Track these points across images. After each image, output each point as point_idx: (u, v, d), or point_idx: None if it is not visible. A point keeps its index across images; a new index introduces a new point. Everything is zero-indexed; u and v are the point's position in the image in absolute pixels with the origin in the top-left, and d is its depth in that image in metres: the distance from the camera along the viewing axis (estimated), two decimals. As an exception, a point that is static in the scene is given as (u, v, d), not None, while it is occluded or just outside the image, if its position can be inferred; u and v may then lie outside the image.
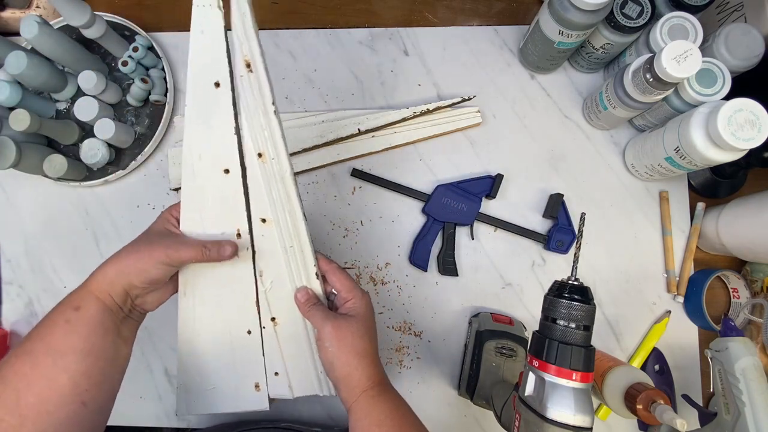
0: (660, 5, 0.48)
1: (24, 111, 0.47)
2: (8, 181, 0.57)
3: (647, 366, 0.52)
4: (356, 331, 0.37)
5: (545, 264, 0.55)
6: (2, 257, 0.56)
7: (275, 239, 0.39)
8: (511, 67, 0.58)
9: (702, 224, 0.54)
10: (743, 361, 0.41)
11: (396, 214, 0.55)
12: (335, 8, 0.60)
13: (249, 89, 0.37)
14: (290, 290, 0.40)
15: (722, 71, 0.45)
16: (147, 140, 0.55)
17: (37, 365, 0.30)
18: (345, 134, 0.54)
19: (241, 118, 0.37)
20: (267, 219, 0.39)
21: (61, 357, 0.31)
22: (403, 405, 0.37)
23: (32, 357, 0.31)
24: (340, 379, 0.36)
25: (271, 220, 0.39)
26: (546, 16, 0.47)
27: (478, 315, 0.52)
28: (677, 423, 0.34)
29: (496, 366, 0.46)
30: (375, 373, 0.37)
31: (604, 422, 0.52)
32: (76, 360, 0.31)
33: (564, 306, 0.31)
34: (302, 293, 0.39)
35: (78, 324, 0.32)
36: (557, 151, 0.56)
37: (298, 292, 0.40)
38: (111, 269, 0.33)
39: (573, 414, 0.29)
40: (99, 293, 0.33)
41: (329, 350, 0.36)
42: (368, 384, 0.36)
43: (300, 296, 0.39)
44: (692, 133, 0.43)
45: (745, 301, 0.52)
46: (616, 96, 0.48)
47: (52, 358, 0.31)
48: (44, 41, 0.49)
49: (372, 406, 0.35)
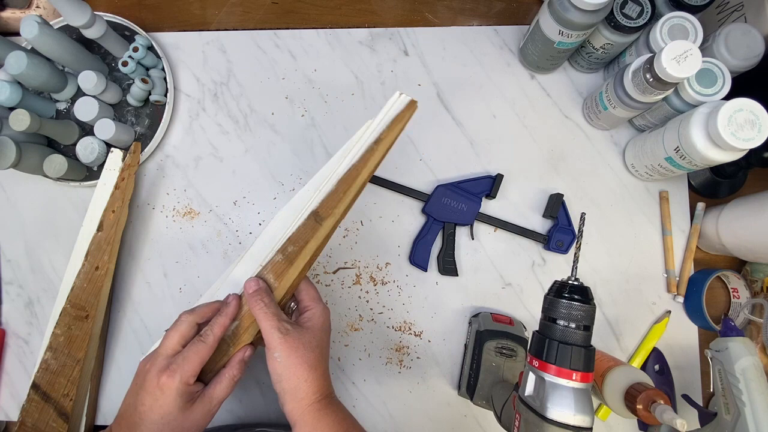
0: (660, 5, 0.48)
1: (24, 111, 0.47)
2: (8, 181, 0.57)
3: (647, 366, 0.52)
4: (308, 342, 0.36)
5: (545, 264, 0.55)
6: (2, 257, 0.56)
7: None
8: (511, 67, 0.58)
9: (702, 224, 0.54)
10: (743, 361, 0.41)
11: (396, 214, 0.55)
12: (335, 8, 0.60)
13: None
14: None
15: (722, 71, 0.45)
16: (147, 140, 0.55)
17: None
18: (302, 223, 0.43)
19: None
20: None
21: None
22: (349, 417, 0.37)
23: None
24: (287, 390, 0.35)
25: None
26: (546, 16, 0.47)
27: (478, 315, 0.52)
28: (677, 423, 0.34)
29: (496, 366, 0.46)
30: (323, 386, 0.36)
31: (604, 422, 0.52)
32: None
33: (564, 306, 0.31)
34: (253, 282, 0.37)
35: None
36: (557, 151, 0.56)
37: (249, 281, 0.37)
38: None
39: (573, 414, 0.29)
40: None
41: (278, 361, 0.35)
42: (315, 397, 0.35)
43: (249, 285, 0.37)
44: (692, 133, 0.43)
45: (745, 301, 0.52)
46: (616, 96, 0.48)
47: None
48: (44, 41, 0.49)
49: (319, 419, 0.35)
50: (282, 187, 0.56)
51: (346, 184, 0.39)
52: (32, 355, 0.54)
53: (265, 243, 0.40)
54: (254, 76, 0.58)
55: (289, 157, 0.57)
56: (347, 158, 0.40)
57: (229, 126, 0.57)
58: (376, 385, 0.53)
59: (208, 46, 0.59)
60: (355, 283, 0.54)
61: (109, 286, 0.50)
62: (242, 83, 0.58)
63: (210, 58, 0.59)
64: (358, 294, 0.54)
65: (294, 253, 0.38)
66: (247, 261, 0.40)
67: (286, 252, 0.38)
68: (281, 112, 0.58)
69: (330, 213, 0.39)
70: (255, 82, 0.58)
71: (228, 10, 0.61)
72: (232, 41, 0.59)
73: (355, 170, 0.39)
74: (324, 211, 0.39)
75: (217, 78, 0.58)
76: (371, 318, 0.54)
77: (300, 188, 0.40)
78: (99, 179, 0.53)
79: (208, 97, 0.58)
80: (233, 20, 0.60)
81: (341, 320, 0.54)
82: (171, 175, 0.57)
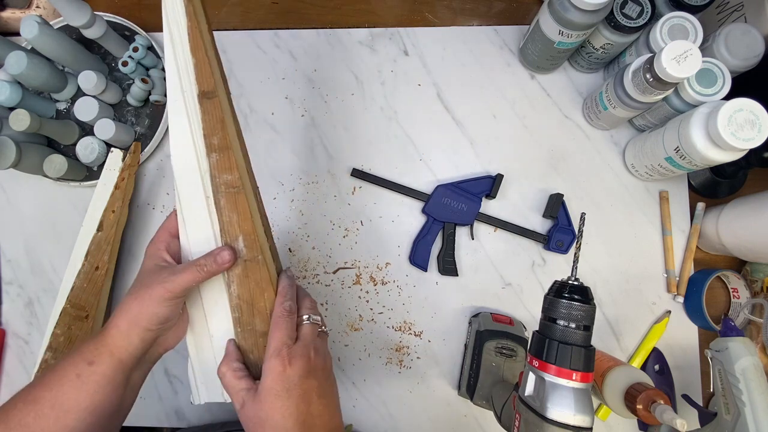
0: (660, 5, 0.48)
1: (24, 111, 0.47)
2: (8, 181, 0.57)
3: (647, 366, 0.52)
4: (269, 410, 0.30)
5: (545, 264, 0.55)
6: (2, 257, 0.56)
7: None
8: (511, 67, 0.58)
9: (702, 224, 0.54)
10: (743, 361, 0.41)
11: (396, 214, 0.55)
12: (335, 8, 0.60)
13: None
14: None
15: (722, 71, 0.45)
16: (147, 140, 0.55)
17: (41, 417, 0.31)
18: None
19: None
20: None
21: (65, 413, 0.31)
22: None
23: (37, 407, 0.31)
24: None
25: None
26: (546, 16, 0.47)
27: (478, 315, 0.52)
28: (677, 423, 0.34)
29: (496, 366, 0.46)
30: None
31: (604, 422, 0.52)
32: (80, 418, 0.31)
33: (564, 306, 0.31)
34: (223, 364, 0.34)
35: (88, 380, 0.32)
36: (557, 151, 0.56)
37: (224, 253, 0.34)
38: (122, 322, 0.33)
39: (573, 414, 0.29)
40: (114, 348, 0.32)
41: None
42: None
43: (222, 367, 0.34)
44: (692, 133, 0.43)
45: (745, 301, 0.52)
46: (616, 96, 0.48)
47: (57, 413, 0.31)
48: (44, 41, 0.49)
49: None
50: (282, 187, 0.56)
51: (200, 50, 0.36)
52: (32, 355, 0.54)
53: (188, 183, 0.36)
54: (254, 76, 0.58)
55: (289, 157, 0.57)
56: (178, 33, 0.36)
57: (229, 126, 0.57)
58: (376, 385, 0.53)
59: (208, 46, 0.59)
60: (355, 283, 0.54)
61: (109, 286, 0.50)
62: (242, 83, 0.58)
63: (210, 58, 0.59)
64: (358, 294, 0.54)
65: (222, 139, 0.36)
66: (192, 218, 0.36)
67: (214, 145, 0.35)
68: (281, 112, 0.58)
69: (212, 83, 0.36)
70: (255, 82, 0.58)
71: (228, 10, 0.61)
72: (232, 41, 0.59)
73: (193, 32, 0.36)
74: (206, 85, 0.36)
75: (217, 78, 0.58)
76: (371, 318, 0.54)
77: (298, 186, 0.40)
78: (99, 179, 0.53)
79: (208, 97, 0.58)
80: (233, 20, 0.60)
81: (341, 320, 0.54)
82: (171, 175, 0.56)
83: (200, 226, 0.36)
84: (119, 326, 0.32)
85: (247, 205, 0.35)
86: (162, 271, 0.34)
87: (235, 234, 0.35)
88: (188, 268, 0.33)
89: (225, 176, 0.35)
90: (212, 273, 0.34)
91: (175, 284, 0.33)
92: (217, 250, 0.35)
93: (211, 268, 0.34)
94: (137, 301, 0.33)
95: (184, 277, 0.33)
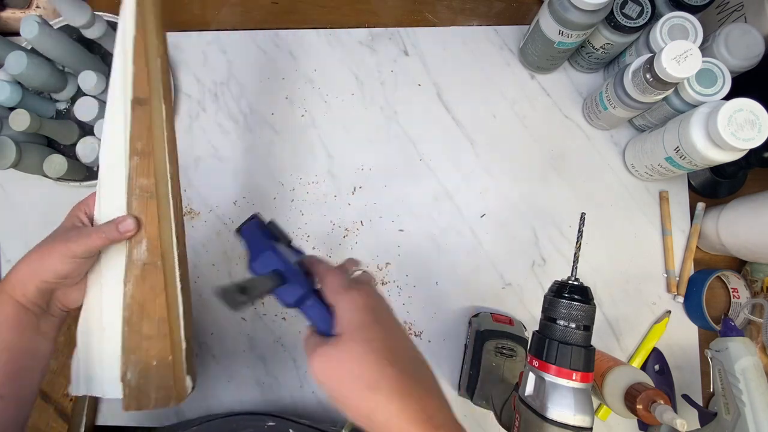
0: (660, 5, 0.48)
1: (24, 111, 0.47)
2: (8, 181, 0.57)
3: (647, 366, 0.52)
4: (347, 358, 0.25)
5: (545, 264, 0.55)
6: (2, 257, 0.56)
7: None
8: (511, 67, 0.58)
9: (702, 224, 0.54)
10: (743, 361, 0.41)
11: (396, 214, 0.55)
12: (335, 8, 0.60)
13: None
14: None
15: (722, 71, 0.45)
16: (147, 140, 0.55)
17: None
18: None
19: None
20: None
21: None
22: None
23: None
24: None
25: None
26: (546, 16, 0.47)
27: (478, 315, 0.52)
28: (677, 423, 0.34)
29: (496, 366, 0.46)
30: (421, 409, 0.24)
31: (604, 422, 0.52)
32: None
33: (564, 306, 0.31)
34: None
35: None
36: (557, 151, 0.56)
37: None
38: (23, 268, 0.34)
39: (573, 414, 0.29)
40: (13, 293, 0.34)
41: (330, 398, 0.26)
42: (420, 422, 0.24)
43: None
44: (692, 133, 0.43)
45: (745, 301, 0.52)
46: (616, 96, 0.48)
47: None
48: (44, 41, 0.49)
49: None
50: (282, 187, 0.56)
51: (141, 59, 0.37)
52: (32, 355, 0.54)
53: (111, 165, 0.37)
54: (254, 76, 0.58)
55: (289, 157, 0.57)
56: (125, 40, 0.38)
57: (229, 126, 0.57)
58: (376, 385, 0.53)
59: (208, 46, 0.59)
60: (355, 283, 0.54)
61: (108, 286, 0.50)
62: (242, 83, 0.58)
63: (210, 58, 0.59)
64: (358, 294, 0.54)
65: (146, 145, 0.37)
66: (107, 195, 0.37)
67: (138, 150, 0.37)
68: (281, 112, 0.58)
69: (148, 91, 0.37)
70: (255, 82, 0.58)
71: (228, 10, 0.61)
72: (232, 41, 0.59)
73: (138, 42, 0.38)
74: (140, 92, 0.37)
75: (217, 78, 0.58)
76: (371, 318, 0.54)
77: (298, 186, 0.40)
78: None
79: (209, 98, 0.58)
80: (233, 20, 0.60)
81: (341, 320, 0.54)
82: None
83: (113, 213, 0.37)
84: (18, 272, 0.34)
85: (156, 212, 0.36)
86: (73, 230, 0.36)
87: (140, 236, 0.37)
88: (93, 232, 0.35)
89: (142, 180, 0.37)
90: (114, 240, 0.35)
91: (77, 244, 0.34)
92: (120, 218, 0.36)
93: (112, 235, 0.35)
94: (41, 252, 0.35)
95: (86, 240, 0.34)
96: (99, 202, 0.37)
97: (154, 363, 0.36)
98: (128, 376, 0.36)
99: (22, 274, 0.34)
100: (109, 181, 0.37)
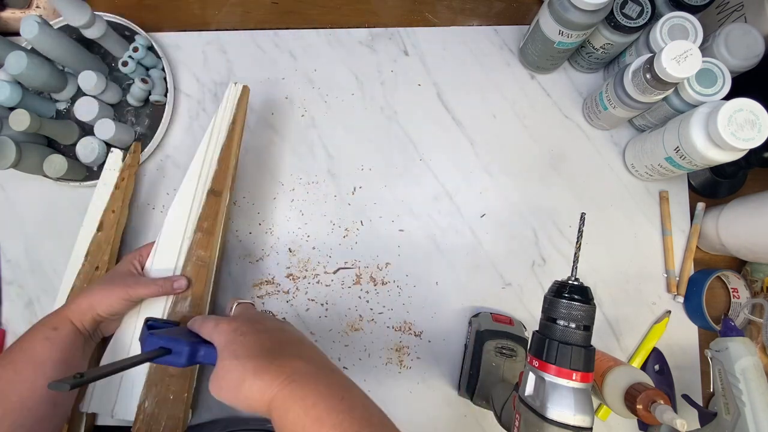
0: (660, 5, 0.48)
1: (24, 111, 0.47)
2: (8, 181, 0.57)
3: (647, 366, 0.52)
4: (222, 370, 0.31)
5: (545, 264, 0.55)
6: (2, 257, 0.56)
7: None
8: (511, 67, 0.58)
9: (702, 224, 0.54)
10: (743, 361, 0.41)
11: (396, 214, 0.55)
12: (335, 8, 0.60)
13: None
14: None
15: (722, 71, 0.45)
16: (147, 140, 0.55)
17: (20, 372, 0.37)
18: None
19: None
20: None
21: (41, 365, 0.38)
22: (343, 378, 0.32)
23: (15, 365, 0.37)
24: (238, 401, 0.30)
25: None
26: (546, 16, 0.47)
27: (478, 315, 0.52)
28: (677, 423, 0.34)
29: (496, 366, 0.46)
30: (280, 374, 0.30)
31: (604, 422, 0.52)
32: (53, 368, 0.38)
33: (564, 306, 0.31)
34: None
35: (55, 341, 0.39)
36: (557, 151, 0.56)
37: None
38: (84, 302, 0.41)
39: (573, 414, 0.29)
40: (73, 319, 0.40)
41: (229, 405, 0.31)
42: (280, 380, 0.29)
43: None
44: (692, 133, 0.43)
45: (745, 301, 0.52)
46: (616, 96, 0.48)
47: (33, 366, 0.37)
48: (44, 41, 0.49)
49: (292, 393, 0.29)
50: (282, 187, 0.56)
51: (225, 161, 0.47)
52: (32, 355, 0.54)
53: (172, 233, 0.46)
54: (254, 76, 0.58)
55: (289, 157, 0.57)
56: (215, 142, 0.48)
57: (229, 126, 0.57)
58: (376, 385, 0.53)
59: (208, 46, 0.59)
60: (355, 283, 0.54)
61: (108, 287, 0.50)
62: (242, 83, 0.58)
63: (210, 58, 0.59)
64: (358, 294, 0.54)
65: (210, 226, 0.46)
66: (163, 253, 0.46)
67: (203, 228, 0.46)
68: (281, 112, 0.58)
69: (223, 186, 0.47)
70: (255, 82, 0.58)
71: (228, 10, 0.61)
72: (232, 41, 0.59)
73: (226, 148, 0.47)
74: (217, 186, 0.47)
75: (217, 78, 0.58)
76: (371, 318, 0.54)
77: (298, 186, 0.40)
78: (99, 179, 0.53)
79: (208, 97, 0.58)
80: (233, 20, 0.60)
81: (341, 320, 0.54)
82: (171, 175, 0.57)
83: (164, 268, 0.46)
84: (80, 304, 0.41)
85: (204, 278, 0.45)
86: (130, 276, 0.44)
87: (187, 294, 0.45)
88: (151, 283, 0.42)
89: (200, 251, 0.46)
90: (166, 293, 0.43)
91: (135, 291, 0.41)
92: (176, 277, 0.44)
93: (167, 289, 0.43)
94: (102, 292, 0.41)
95: (143, 289, 0.42)
96: (154, 257, 0.46)
97: (171, 397, 0.43)
98: (146, 404, 0.42)
99: (84, 306, 0.41)
100: (168, 243, 0.46)
